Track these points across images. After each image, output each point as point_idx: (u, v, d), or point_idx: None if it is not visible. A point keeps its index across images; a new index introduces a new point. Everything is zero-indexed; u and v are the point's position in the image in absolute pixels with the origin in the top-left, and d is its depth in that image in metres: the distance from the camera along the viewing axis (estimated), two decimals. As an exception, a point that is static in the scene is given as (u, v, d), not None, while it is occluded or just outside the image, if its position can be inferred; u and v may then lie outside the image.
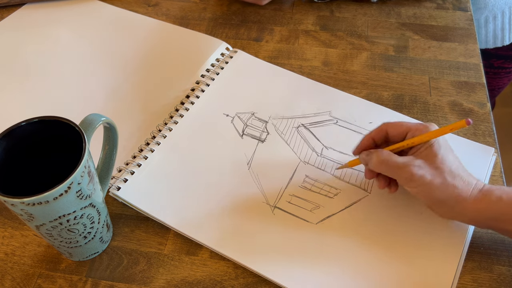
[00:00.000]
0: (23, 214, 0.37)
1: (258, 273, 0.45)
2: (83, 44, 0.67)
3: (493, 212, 0.41)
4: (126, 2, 0.73)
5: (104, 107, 0.58)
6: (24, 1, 0.72)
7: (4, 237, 0.48)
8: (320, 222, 0.48)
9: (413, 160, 0.43)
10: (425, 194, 0.43)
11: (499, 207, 0.41)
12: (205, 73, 0.62)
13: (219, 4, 0.74)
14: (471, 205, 0.41)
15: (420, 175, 0.42)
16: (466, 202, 0.41)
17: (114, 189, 0.50)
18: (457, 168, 0.43)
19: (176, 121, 0.56)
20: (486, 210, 0.41)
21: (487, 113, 0.58)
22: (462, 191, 0.41)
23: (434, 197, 0.42)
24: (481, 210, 0.41)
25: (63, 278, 0.45)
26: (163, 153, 0.53)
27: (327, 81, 0.62)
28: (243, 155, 0.53)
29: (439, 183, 0.42)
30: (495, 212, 0.41)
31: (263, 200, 0.50)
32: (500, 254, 0.46)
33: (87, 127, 0.40)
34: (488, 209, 0.41)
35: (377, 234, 0.47)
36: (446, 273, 0.44)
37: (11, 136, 0.38)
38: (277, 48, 0.67)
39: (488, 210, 0.41)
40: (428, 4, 0.73)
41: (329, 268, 0.45)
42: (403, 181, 0.43)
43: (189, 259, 0.46)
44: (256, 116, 0.57)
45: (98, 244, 0.45)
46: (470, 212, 0.42)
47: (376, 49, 0.67)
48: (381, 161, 0.44)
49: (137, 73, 0.63)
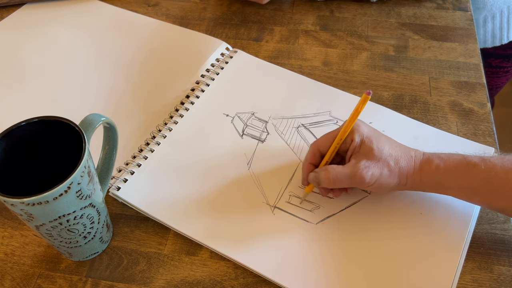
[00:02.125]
0: (23, 214, 0.37)
1: (258, 273, 0.45)
2: (83, 44, 0.67)
3: (433, 180, 0.45)
4: (126, 2, 0.73)
5: (104, 107, 0.58)
6: (24, 1, 0.72)
7: (4, 237, 0.48)
8: (320, 222, 0.48)
9: (357, 164, 0.44)
10: (381, 187, 0.45)
11: (437, 175, 0.44)
12: (205, 73, 0.62)
13: (219, 4, 0.74)
14: (416, 176, 0.45)
15: (370, 175, 0.44)
16: (412, 175, 0.45)
17: (114, 189, 0.50)
18: (394, 149, 0.45)
19: (176, 121, 0.56)
20: (427, 179, 0.45)
21: (487, 113, 0.58)
22: (407, 167, 0.45)
23: (388, 185, 0.45)
24: (424, 179, 0.45)
25: (63, 278, 0.45)
26: (163, 153, 0.53)
27: (327, 81, 0.62)
28: (243, 155, 0.53)
29: (388, 172, 0.44)
30: (435, 180, 0.45)
31: (263, 200, 0.50)
32: (500, 254, 0.46)
33: (87, 127, 0.40)
34: (430, 178, 0.45)
35: (377, 234, 0.47)
36: (446, 273, 0.44)
37: (11, 136, 0.38)
38: (277, 48, 0.67)
39: (430, 179, 0.45)
40: (428, 4, 0.73)
41: (329, 268, 0.45)
42: (359, 186, 0.45)
43: (189, 259, 0.46)
44: (256, 116, 0.57)
45: (98, 244, 0.45)
46: (416, 183, 0.45)
47: (376, 49, 0.67)
48: (332, 179, 0.45)
49: (137, 73, 0.63)
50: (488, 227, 0.48)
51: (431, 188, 0.46)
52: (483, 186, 0.43)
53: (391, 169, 0.44)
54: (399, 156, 0.45)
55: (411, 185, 0.45)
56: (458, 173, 0.43)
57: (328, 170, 0.45)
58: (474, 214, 0.48)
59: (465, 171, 0.43)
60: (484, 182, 0.42)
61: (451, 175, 0.44)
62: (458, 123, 0.57)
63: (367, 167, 0.44)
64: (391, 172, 0.44)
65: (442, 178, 0.44)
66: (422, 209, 0.49)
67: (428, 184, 0.45)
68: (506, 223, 0.49)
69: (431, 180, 0.45)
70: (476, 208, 0.49)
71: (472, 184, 0.43)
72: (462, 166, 0.43)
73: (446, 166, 0.44)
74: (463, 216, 0.48)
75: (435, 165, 0.44)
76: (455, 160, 0.44)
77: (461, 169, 0.43)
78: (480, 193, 0.44)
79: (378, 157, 0.44)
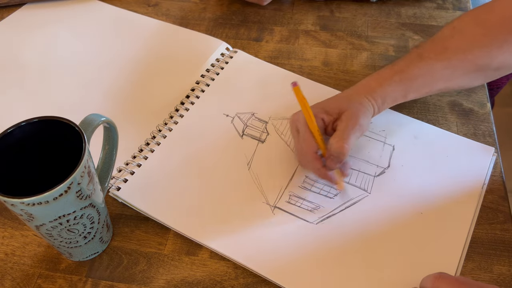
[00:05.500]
0: (23, 214, 0.37)
1: (258, 273, 0.45)
2: (83, 44, 0.67)
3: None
4: (126, 2, 0.73)
5: (104, 107, 0.58)
6: (24, 1, 0.72)
7: (4, 237, 0.48)
8: (320, 222, 0.48)
9: (346, 116, 0.48)
10: (366, 122, 0.49)
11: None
12: (205, 73, 0.62)
13: (219, 4, 0.74)
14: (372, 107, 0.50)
15: (359, 112, 0.48)
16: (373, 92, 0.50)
17: (114, 189, 0.50)
18: (353, 96, 0.50)
19: (176, 121, 0.56)
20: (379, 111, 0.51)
21: (487, 113, 0.58)
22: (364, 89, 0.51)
23: (368, 118, 0.49)
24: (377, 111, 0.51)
25: (63, 278, 0.45)
26: (163, 153, 0.53)
27: (327, 81, 0.62)
28: (243, 155, 0.53)
29: (364, 112, 0.49)
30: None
31: (263, 200, 0.50)
32: (500, 254, 0.46)
33: (87, 127, 0.40)
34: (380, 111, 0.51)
35: (377, 234, 0.47)
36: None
37: (11, 136, 0.38)
38: (277, 48, 0.67)
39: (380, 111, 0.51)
40: (428, 4, 0.73)
41: (329, 268, 0.45)
42: (364, 129, 0.49)
43: (189, 259, 0.46)
44: (256, 117, 0.57)
45: (98, 244, 0.45)
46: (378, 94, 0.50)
47: (376, 49, 0.67)
48: (346, 144, 0.46)
49: (137, 73, 0.63)
50: (488, 227, 0.48)
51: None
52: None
53: (359, 108, 0.49)
54: (353, 94, 0.50)
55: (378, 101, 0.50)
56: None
57: (337, 144, 0.46)
58: (474, 214, 0.48)
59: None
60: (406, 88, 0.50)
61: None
62: (458, 123, 0.57)
63: (353, 113, 0.47)
64: (365, 114, 0.49)
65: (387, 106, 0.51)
66: (422, 209, 0.49)
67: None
68: (506, 223, 0.49)
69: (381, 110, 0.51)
70: (476, 208, 0.49)
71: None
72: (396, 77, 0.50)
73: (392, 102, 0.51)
74: (463, 216, 0.48)
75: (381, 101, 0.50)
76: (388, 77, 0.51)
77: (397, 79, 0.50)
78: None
79: (345, 106, 0.48)
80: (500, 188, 0.51)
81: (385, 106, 0.51)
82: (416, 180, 0.51)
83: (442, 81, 0.51)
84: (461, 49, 0.50)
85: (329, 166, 0.47)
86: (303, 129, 0.48)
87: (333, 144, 0.46)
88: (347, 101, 0.49)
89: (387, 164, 0.53)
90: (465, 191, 0.50)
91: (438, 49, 0.50)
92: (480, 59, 0.50)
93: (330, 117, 0.49)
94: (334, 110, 0.49)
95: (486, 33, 0.49)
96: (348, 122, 0.47)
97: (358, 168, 0.52)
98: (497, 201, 0.50)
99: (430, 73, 0.50)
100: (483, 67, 0.50)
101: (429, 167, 0.52)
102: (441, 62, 0.50)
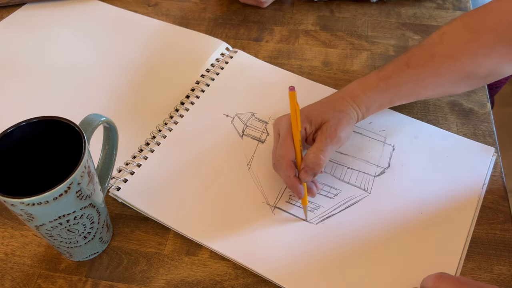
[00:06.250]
0: (23, 214, 0.37)
1: (258, 273, 0.45)
2: (83, 44, 0.67)
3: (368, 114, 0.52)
4: (126, 2, 0.73)
5: (104, 107, 0.58)
6: (24, 1, 0.72)
7: (4, 237, 0.48)
8: (320, 222, 0.48)
9: (324, 130, 0.47)
10: (346, 133, 0.49)
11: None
12: (205, 73, 0.62)
13: (219, 4, 0.74)
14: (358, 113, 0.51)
15: (338, 127, 0.47)
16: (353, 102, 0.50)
17: (114, 189, 0.50)
18: (338, 103, 0.50)
19: (176, 121, 0.56)
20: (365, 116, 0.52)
21: (487, 113, 0.58)
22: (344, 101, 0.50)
23: (349, 127, 0.49)
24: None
25: (63, 278, 0.45)
26: (163, 153, 0.53)
27: (327, 81, 0.62)
28: (243, 155, 0.53)
29: (345, 122, 0.48)
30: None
31: (263, 200, 0.50)
32: (500, 254, 0.46)
33: (87, 127, 0.40)
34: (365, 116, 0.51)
35: (377, 234, 0.47)
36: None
37: (11, 136, 0.38)
38: (277, 48, 0.67)
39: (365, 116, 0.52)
40: (428, 4, 0.73)
41: (329, 268, 0.45)
42: (343, 141, 0.48)
43: (189, 259, 0.46)
44: (256, 117, 0.57)
45: (98, 244, 0.45)
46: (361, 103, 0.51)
47: (376, 49, 0.67)
48: (322, 157, 0.46)
49: (137, 73, 0.63)
50: (488, 227, 0.48)
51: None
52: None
53: (342, 120, 0.48)
54: (338, 99, 0.50)
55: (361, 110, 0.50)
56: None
57: (314, 155, 0.45)
58: (474, 214, 0.48)
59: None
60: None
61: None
62: (458, 123, 0.57)
63: (333, 125, 0.47)
64: (347, 126, 0.48)
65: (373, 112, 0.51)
66: (422, 209, 0.49)
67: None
68: (506, 223, 0.49)
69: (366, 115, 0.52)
70: (476, 207, 0.49)
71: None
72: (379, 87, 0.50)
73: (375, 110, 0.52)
74: (463, 216, 0.48)
75: (365, 109, 0.51)
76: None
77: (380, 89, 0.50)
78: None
79: (327, 116, 0.48)
80: (500, 188, 0.51)
81: (370, 112, 0.51)
82: (416, 180, 0.51)
83: (429, 89, 0.51)
84: (448, 56, 0.49)
85: (302, 177, 0.46)
86: (284, 135, 0.47)
87: (310, 154, 0.46)
88: (331, 110, 0.49)
89: (387, 164, 0.53)
90: (465, 191, 0.50)
91: (425, 56, 0.49)
92: (468, 66, 0.49)
93: (312, 128, 0.48)
94: (317, 120, 0.48)
95: (475, 39, 0.48)
96: (327, 134, 0.47)
97: (358, 168, 0.52)
98: (497, 201, 0.50)
99: (416, 81, 0.50)
100: (470, 75, 0.50)
101: (429, 167, 0.52)
102: (428, 70, 0.49)
